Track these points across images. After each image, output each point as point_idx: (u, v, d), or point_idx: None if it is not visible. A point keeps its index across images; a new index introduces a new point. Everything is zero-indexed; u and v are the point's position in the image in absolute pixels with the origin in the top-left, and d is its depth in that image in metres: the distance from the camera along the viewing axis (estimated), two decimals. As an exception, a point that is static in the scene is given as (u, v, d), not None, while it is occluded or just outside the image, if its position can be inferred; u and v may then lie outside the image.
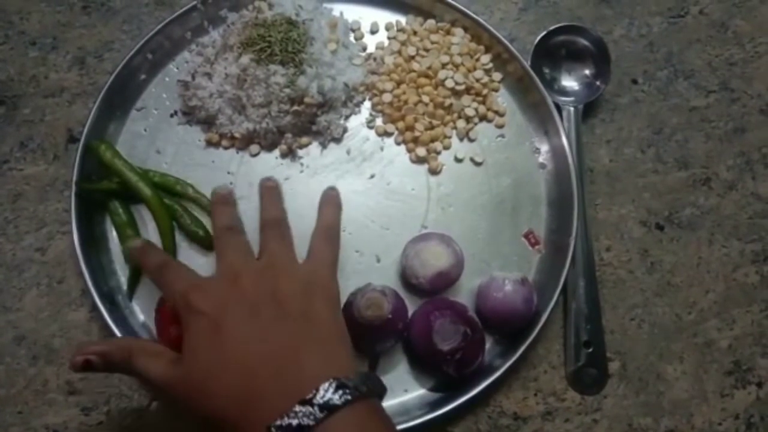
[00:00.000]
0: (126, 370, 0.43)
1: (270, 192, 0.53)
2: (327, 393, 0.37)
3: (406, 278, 0.55)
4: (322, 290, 0.45)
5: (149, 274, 0.49)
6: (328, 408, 0.37)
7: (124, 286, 0.55)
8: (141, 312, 0.55)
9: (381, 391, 0.41)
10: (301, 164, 0.59)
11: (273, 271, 0.45)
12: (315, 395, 0.37)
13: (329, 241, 0.50)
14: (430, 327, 0.50)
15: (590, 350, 0.55)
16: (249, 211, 0.57)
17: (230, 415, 0.39)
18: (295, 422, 0.36)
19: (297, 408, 0.36)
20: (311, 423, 0.36)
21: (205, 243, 0.56)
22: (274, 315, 0.42)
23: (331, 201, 0.53)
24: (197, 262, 0.55)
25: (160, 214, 0.55)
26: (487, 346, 0.54)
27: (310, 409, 0.36)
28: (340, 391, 0.37)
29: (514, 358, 0.52)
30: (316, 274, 0.46)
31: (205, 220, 0.56)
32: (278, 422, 0.36)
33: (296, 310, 0.42)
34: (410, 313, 0.53)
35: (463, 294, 0.56)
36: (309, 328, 0.42)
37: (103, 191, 0.56)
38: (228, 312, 0.42)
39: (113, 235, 0.56)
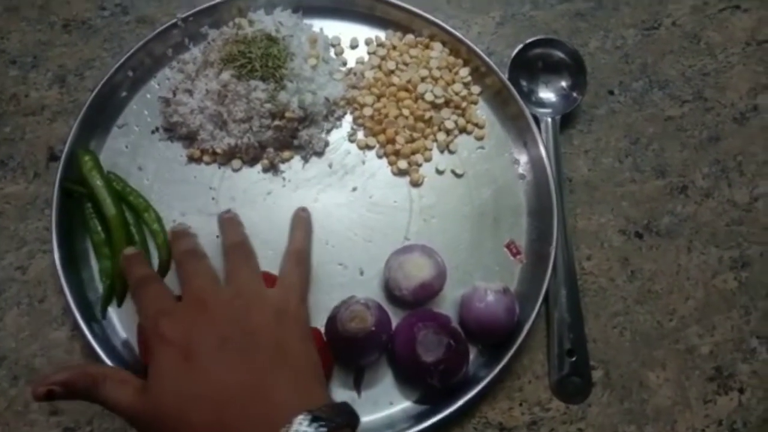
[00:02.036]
0: (90, 398, 0.42)
1: (229, 221, 0.52)
2: (301, 426, 0.36)
3: (390, 290, 0.55)
4: (293, 320, 0.44)
5: (129, 285, 0.49)
6: None
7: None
8: (123, 330, 0.54)
9: (354, 422, 0.40)
10: (283, 178, 0.59)
11: (242, 300, 0.44)
12: (289, 429, 0.36)
13: (299, 265, 0.49)
14: (414, 339, 0.50)
15: (573, 359, 0.55)
16: (231, 226, 0.57)
17: None
18: None
19: None
20: None
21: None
22: (244, 346, 0.40)
23: (301, 224, 0.52)
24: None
25: (117, 235, 0.54)
26: (471, 356, 0.54)
27: None
28: (315, 425, 0.36)
29: (498, 369, 0.52)
30: (286, 301, 0.45)
31: (155, 256, 0.56)
32: None
33: (267, 341, 0.41)
34: (394, 325, 0.53)
35: (447, 305, 0.56)
36: (281, 359, 0.40)
37: (85, 195, 0.56)
38: (197, 342, 0.40)
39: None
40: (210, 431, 0.38)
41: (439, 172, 0.61)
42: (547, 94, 0.64)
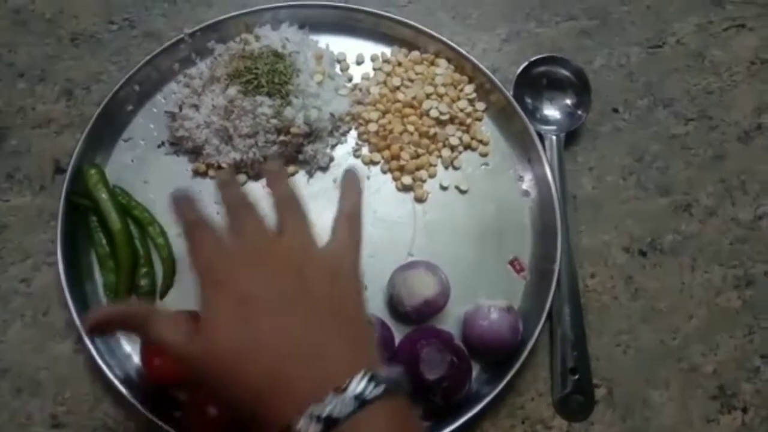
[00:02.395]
0: (142, 334, 0.42)
1: (274, 174, 0.48)
2: (360, 385, 0.35)
3: (393, 306, 0.55)
4: (347, 280, 0.43)
5: (182, 227, 0.45)
6: (361, 400, 0.35)
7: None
8: (127, 344, 0.54)
9: (408, 390, 0.39)
10: (288, 193, 0.59)
11: (297, 256, 0.42)
12: (348, 385, 0.35)
13: (352, 228, 0.46)
14: (417, 356, 0.50)
15: (576, 377, 0.55)
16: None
17: (255, 400, 0.37)
18: (326, 411, 0.35)
19: (329, 397, 0.35)
20: (342, 416, 0.35)
21: (146, 299, 0.55)
22: (302, 302, 0.39)
23: (351, 186, 0.49)
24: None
25: (122, 249, 0.55)
26: (474, 374, 0.53)
27: (343, 399, 0.35)
28: (373, 383, 0.36)
29: (500, 386, 0.52)
30: (341, 263, 0.43)
31: (159, 270, 0.56)
32: (309, 410, 0.35)
33: (324, 299, 0.40)
34: (397, 341, 0.53)
35: (450, 322, 0.56)
36: (339, 317, 0.40)
37: (91, 208, 0.56)
38: (254, 292, 0.39)
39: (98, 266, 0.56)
40: (264, 382, 0.37)
41: (444, 188, 0.61)
42: (551, 112, 0.64)
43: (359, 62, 0.64)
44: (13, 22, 0.66)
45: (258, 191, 0.59)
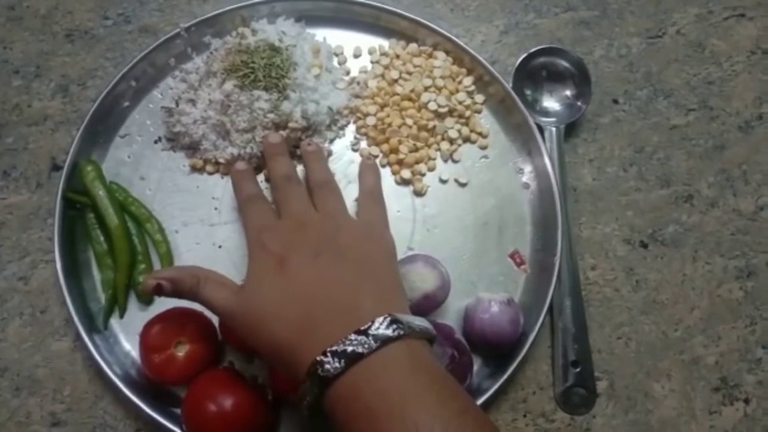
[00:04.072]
0: (192, 297, 0.46)
1: (312, 156, 0.55)
2: (381, 326, 0.39)
3: (393, 301, 0.54)
4: (377, 242, 0.48)
5: (238, 200, 0.53)
6: (381, 339, 0.38)
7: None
8: (125, 341, 0.54)
9: (431, 337, 0.42)
10: (286, 188, 0.59)
11: (333, 222, 0.48)
12: (370, 327, 0.39)
13: (376, 203, 0.54)
14: (418, 350, 0.50)
15: (578, 370, 0.55)
16: (234, 235, 0.57)
17: (287, 342, 0.41)
18: (349, 349, 0.38)
19: (352, 336, 0.38)
20: (364, 351, 0.38)
21: (144, 296, 0.55)
22: (335, 259, 0.44)
23: (369, 168, 0.57)
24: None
25: (119, 246, 0.54)
26: (475, 368, 0.53)
27: (365, 338, 0.38)
28: (394, 326, 0.39)
29: (502, 380, 0.52)
30: (371, 228, 0.49)
31: (157, 266, 0.56)
32: (333, 347, 0.38)
33: (355, 256, 0.45)
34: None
35: (450, 316, 0.56)
36: (367, 271, 0.44)
37: (88, 205, 0.56)
38: (293, 253, 0.44)
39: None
40: (297, 327, 0.41)
41: (443, 182, 0.60)
42: (551, 103, 0.63)
43: (357, 55, 0.64)
44: (8, 19, 0.65)
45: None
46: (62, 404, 0.53)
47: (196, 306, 0.47)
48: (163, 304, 0.53)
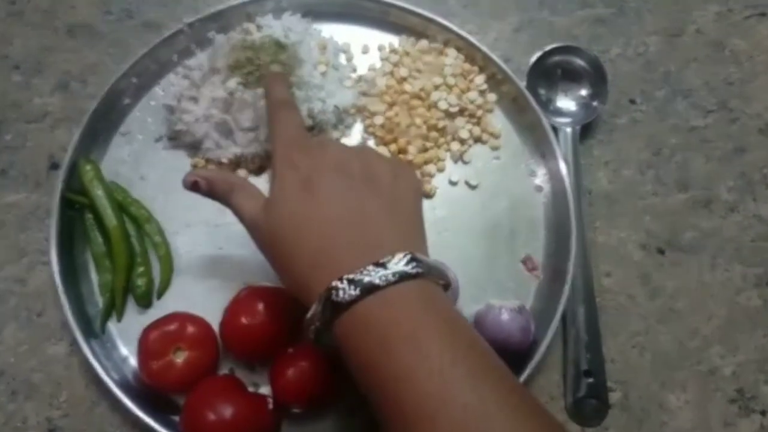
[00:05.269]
0: (224, 202, 0.47)
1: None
2: (401, 262, 0.38)
3: (400, 307, 0.53)
4: (407, 180, 0.46)
5: (268, 104, 0.51)
6: (400, 274, 0.38)
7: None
8: (122, 345, 0.53)
9: (448, 283, 0.42)
10: (291, 189, 0.58)
11: (367, 155, 0.46)
12: (389, 261, 0.38)
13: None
14: (425, 359, 0.48)
15: (591, 380, 0.53)
16: (237, 237, 0.55)
17: (305, 263, 0.40)
18: (366, 279, 0.37)
19: (370, 267, 0.38)
20: (381, 283, 0.37)
21: (142, 300, 0.54)
22: (363, 186, 0.43)
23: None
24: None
25: (118, 247, 0.53)
26: (484, 377, 0.52)
27: (383, 271, 0.38)
28: (414, 263, 0.38)
29: (512, 390, 0.51)
30: (403, 168, 0.47)
31: (157, 269, 0.55)
32: (350, 275, 0.38)
33: (384, 190, 0.43)
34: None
35: (459, 323, 0.54)
36: (394, 207, 0.43)
37: (86, 206, 0.55)
38: (322, 174, 0.43)
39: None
40: (316, 249, 0.40)
41: (453, 184, 0.59)
42: (566, 103, 0.62)
43: (365, 52, 0.63)
44: (9, 13, 0.64)
45: (260, 186, 0.57)
46: (59, 410, 0.52)
47: (196, 312, 0.46)
48: (163, 309, 0.52)
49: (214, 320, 0.51)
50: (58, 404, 0.52)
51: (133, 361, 0.52)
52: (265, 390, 0.51)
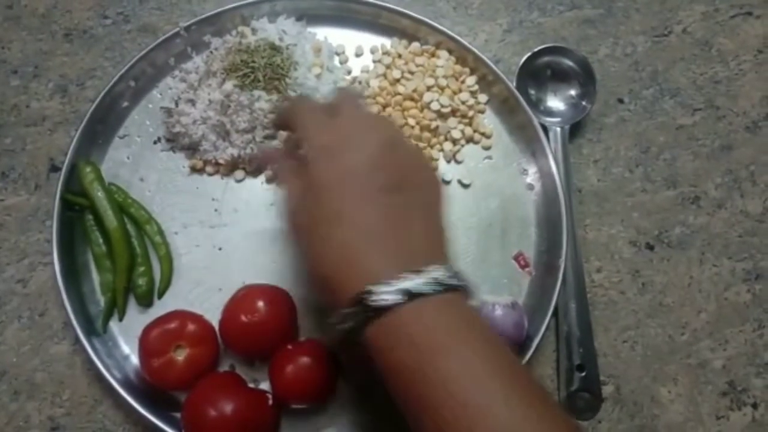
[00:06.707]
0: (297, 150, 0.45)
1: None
2: (437, 272, 0.38)
3: (395, 304, 0.54)
4: (437, 186, 0.45)
5: (289, 114, 0.48)
6: (442, 285, 0.38)
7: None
8: (124, 344, 0.54)
9: (472, 292, 0.42)
10: (287, 189, 0.58)
11: (393, 131, 0.46)
12: (430, 270, 0.38)
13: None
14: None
15: (583, 374, 0.54)
16: (236, 237, 0.56)
17: (339, 264, 0.40)
18: (406, 285, 0.37)
19: (409, 274, 0.37)
20: (428, 291, 0.37)
21: (143, 299, 0.54)
22: (398, 193, 0.42)
23: None
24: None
25: (118, 248, 0.54)
26: (479, 371, 0.53)
27: (422, 278, 0.37)
28: (453, 275, 0.38)
29: (506, 384, 0.51)
30: (433, 174, 0.47)
31: (157, 269, 0.55)
32: (390, 280, 0.37)
33: (414, 187, 0.43)
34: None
35: (453, 319, 0.55)
36: (424, 207, 0.43)
37: (86, 207, 0.55)
38: (355, 175, 0.41)
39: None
40: (345, 250, 0.40)
41: (446, 183, 0.60)
42: (555, 103, 0.63)
43: (358, 54, 0.63)
44: (6, 18, 0.65)
45: (257, 187, 0.58)
46: (61, 408, 0.53)
47: (196, 310, 0.47)
48: (163, 308, 0.53)
49: (214, 318, 0.51)
50: (60, 403, 0.53)
51: (134, 360, 0.53)
52: (265, 386, 0.51)
